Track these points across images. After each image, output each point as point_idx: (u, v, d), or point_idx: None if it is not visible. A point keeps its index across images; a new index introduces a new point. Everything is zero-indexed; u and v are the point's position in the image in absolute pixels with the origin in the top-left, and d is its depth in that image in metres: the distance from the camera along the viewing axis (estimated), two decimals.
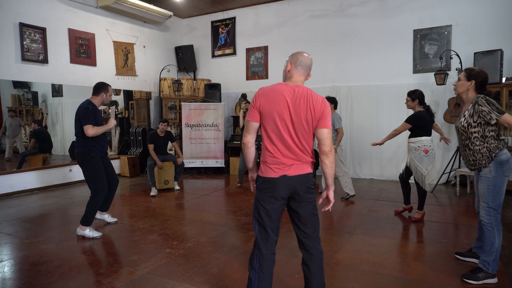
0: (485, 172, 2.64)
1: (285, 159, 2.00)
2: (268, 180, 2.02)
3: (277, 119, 1.98)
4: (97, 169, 3.74)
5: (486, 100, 2.55)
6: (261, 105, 2.00)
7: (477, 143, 2.63)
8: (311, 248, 2.11)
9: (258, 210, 2.06)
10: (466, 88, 2.70)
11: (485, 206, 2.66)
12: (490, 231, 2.65)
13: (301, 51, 2.14)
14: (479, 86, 2.66)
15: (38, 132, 6.55)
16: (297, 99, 1.98)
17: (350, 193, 5.26)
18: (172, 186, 6.09)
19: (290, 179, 2.00)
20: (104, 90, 3.84)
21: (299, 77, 2.09)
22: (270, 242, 2.06)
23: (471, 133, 2.64)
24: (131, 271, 2.92)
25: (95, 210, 3.79)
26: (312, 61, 2.13)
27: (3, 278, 2.84)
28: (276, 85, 2.05)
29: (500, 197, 2.62)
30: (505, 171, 2.59)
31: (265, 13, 8.00)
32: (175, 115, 8.23)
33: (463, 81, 2.72)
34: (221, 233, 3.85)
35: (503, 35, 5.84)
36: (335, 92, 7.10)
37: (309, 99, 1.99)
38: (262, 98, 2.01)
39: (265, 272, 2.04)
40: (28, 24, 5.87)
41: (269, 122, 2.00)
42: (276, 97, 1.99)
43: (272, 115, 1.98)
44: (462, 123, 2.68)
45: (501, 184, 2.61)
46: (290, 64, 2.10)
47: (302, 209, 2.06)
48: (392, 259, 3.11)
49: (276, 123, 1.99)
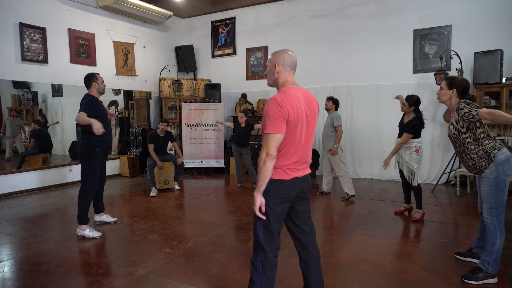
0: (487, 173, 2.65)
1: (299, 161, 2.02)
2: (280, 182, 1.98)
3: (299, 125, 1.96)
4: (95, 164, 3.76)
5: (465, 102, 2.60)
6: (290, 114, 1.91)
7: (471, 147, 2.65)
8: (309, 245, 2.13)
9: (266, 214, 1.99)
10: (448, 97, 2.77)
11: (488, 207, 2.67)
12: (492, 231, 2.65)
13: (284, 49, 2.08)
14: (461, 94, 2.73)
15: (38, 132, 6.55)
16: (310, 104, 2.04)
17: (350, 193, 5.26)
18: (172, 186, 6.09)
19: (299, 180, 2.03)
20: (94, 79, 3.86)
21: (292, 78, 2.07)
22: (275, 245, 2.05)
23: (463, 139, 2.68)
24: (131, 271, 2.92)
25: (86, 204, 3.78)
26: (296, 58, 2.10)
27: (3, 278, 2.84)
28: (291, 91, 1.98)
29: (503, 196, 2.63)
30: (506, 170, 2.59)
31: (265, 13, 8.00)
32: (175, 115, 8.23)
33: (445, 90, 2.79)
34: (221, 233, 3.85)
35: (503, 35, 5.84)
36: (335, 92, 7.10)
37: (315, 102, 2.11)
38: (289, 108, 1.91)
39: (268, 274, 2.02)
40: (28, 24, 5.87)
41: (296, 134, 1.96)
42: (298, 107, 1.94)
43: (299, 122, 1.96)
44: (453, 131, 2.73)
45: (503, 184, 2.61)
46: (278, 65, 2.03)
47: (301, 206, 2.11)
48: (392, 259, 3.11)
49: (298, 128, 1.96)
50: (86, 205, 3.78)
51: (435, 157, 6.41)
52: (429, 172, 6.47)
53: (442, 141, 6.36)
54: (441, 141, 6.37)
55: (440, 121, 6.31)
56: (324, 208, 4.93)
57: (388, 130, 6.62)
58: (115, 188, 6.30)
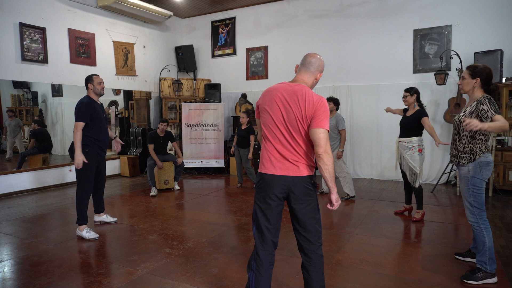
0: (464, 171, 2.67)
1: (279, 157, 1.98)
2: (263, 178, 2.02)
3: (272, 116, 2.00)
4: (88, 164, 3.76)
5: (488, 100, 2.55)
6: (260, 102, 2.09)
7: (463, 141, 2.67)
8: (310, 252, 2.04)
9: (254, 210, 2.08)
10: (472, 86, 2.65)
11: (468, 206, 2.69)
12: (478, 230, 2.67)
13: (312, 53, 2.13)
14: (485, 82, 2.63)
15: (38, 132, 6.54)
16: (292, 96, 1.96)
17: (350, 194, 5.26)
18: (172, 186, 6.09)
19: (284, 178, 1.96)
20: (90, 81, 3.89)
21: (300, 76, 2.08)
22: (267, 243, 2.04)
23: (462, 130, 2.67)
24: (131, 271, 2.92)
25: (83, 204, 3.77)
26: (320, 61, 2.08)
27: (3, 278, 2.84)
28: (277, 84, 2.09)
29: (481, 196, 2.64)
30: (484, 173, 2.61)
31: (265, 13, 8.00)
32: (175, 115, 8.23)
33: (468, 80, 2.67)
34: (221, 233, 3.85)
35: (503, 35, 5.84)
36: (335, 92, 7.11)
37: (304, 96, 1.93)
38: (261, 96, 2.11)
39: (262, 272, 2.02)
40: (28, 24, 5.87)
41: (265, 119, 2.04)
42: (272, 94, 2.03)
43: (267, 112, 2.02)
44: (461, 118, 2.68)
45: (480, 185, 2.63)
46: (299, 64, 2.14)
47: (299, 211, 1.99)
48: (392, 259, 3.11)
49: (270, 120, 2.00)
50: (82, 205, 3.78)
51: (435, 157, 6.41)
52: (429, 172, 6.47)
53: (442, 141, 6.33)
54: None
55: (440, 121, 6.31)
56: (324, 208, 4.93)
57: (388, 130, 6.62)
58: (115, 188, 6.30)
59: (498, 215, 4.41)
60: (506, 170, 5.38)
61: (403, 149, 4.12)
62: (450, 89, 6.14)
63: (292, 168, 1.97)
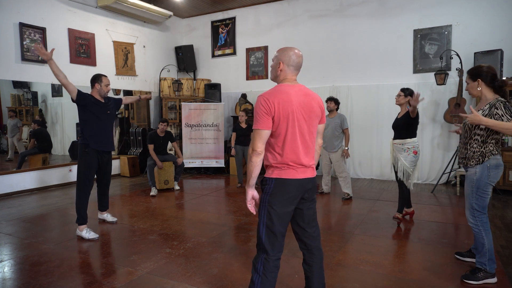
0: (471, 172, 2.65)
1: (296, 161, 1.96)
2: (285, 182, 1.95)
3: (290, 120, 1.93)
4: (87, 164, 3.76)
5: (504, 105, 2.50)
6: (276, 110, 1.90)
7: (474, 145, 2.63)
8: (314, 247, 2.10)
9: (269, 215, 1.96)
10: (477, 88, 2.65)
11: (469, 207, 2.68)
12: (478, 232, 2.67)
13: (291, 47, 2.06)
14: (489, 80, 2.60)
15: (38, 132, 6.54)
16: (305, 99, 1.99)
17: (350, 193, 5.28)
18: (172, 186, 6.09)
19: (305, 180, 2.00)
20: (98, 81, 3.86)
21: (293, 77, 2.06)
22: (278, 248, 2.00)
23: (474, 133, 2.63)
24: (131, 271, 2.92)
25: (82, 204, 3.76)
26: (303, 58, 2.09)
27: (3, 278, 2.84)
28: (282, 87, 1.99)
29: (485, 200, 2.62)
30: (491, 176, 2.58)
31: (265, 13, 8.00)
32: (175, 115, 8.23)
33: (471, 84, 2.69)
34: (221, 233, 3.85)
35: (503, 35, 5.84)
36: (335, 92, 7.10)
37: (314, 96, 2.04)
38: (275, 103, 1.90)
39: (269, 276, 2.00)
40: (28, 24, 5.87)
41: (285, 125, 1.93)
42: (287, 98, 1.93)
43: (290, 118, 1.92)
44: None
45: (485, 188, 2.60)
46: (282, 63, 2.02)
47: (306, 207, 2.07)
48: (392, 259, 3.11)
49: (289, 124, 1.93)
50: (82, 204, 3.76)
51: (435, 157, 6.41)
52: (429, 172, 6.46)
53: (442, 141, 6.35)
54: (441, 141, 6.37)
55: (440, 121, 6.30)
56: (324, 208, 4.93)
57: (388, 130, 6.56)
58: (115, 188, 6.30)
59: (498, 215, 4.40)
60: (506, 170, 5.37)
61: (398, 151, 4.02)
62: (450, 89, 6.14)
63: (309, 171, 2.04)
